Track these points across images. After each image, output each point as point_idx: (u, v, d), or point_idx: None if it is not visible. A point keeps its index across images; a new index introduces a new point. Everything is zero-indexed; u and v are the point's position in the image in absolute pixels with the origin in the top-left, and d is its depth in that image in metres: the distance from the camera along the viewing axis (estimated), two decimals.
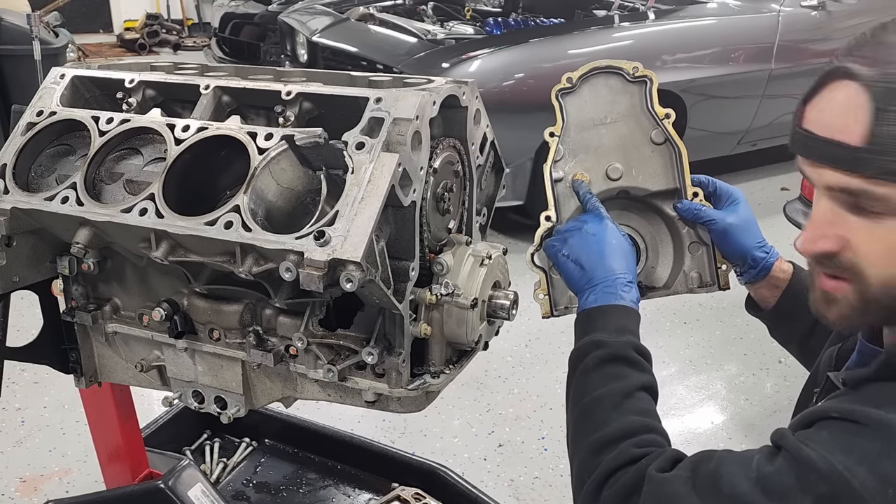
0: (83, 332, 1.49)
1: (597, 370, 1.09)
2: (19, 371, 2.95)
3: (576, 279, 1.21)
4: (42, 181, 1.34)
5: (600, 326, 1.14)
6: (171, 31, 10.21)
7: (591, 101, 1.28)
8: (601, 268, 1.18)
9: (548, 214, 1.30)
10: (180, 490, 1.66)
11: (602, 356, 1.09)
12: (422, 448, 2.61)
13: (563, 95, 1.28)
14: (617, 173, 1.29)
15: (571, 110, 1.27)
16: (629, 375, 1.08)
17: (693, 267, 1.35)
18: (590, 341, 1.12)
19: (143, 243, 1.20)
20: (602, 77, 1.28)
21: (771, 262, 1.30)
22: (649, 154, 1.29)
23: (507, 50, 4.04)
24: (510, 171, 3.80)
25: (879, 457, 0.83)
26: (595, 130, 1.28)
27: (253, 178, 1.14)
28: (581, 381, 1.11)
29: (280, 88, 1.27)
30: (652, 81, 1.27)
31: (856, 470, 0.82)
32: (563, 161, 1.28)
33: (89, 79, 1.42)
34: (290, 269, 1.06)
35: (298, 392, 1.37)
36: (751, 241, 1.29)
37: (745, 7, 4.71)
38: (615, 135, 1.29)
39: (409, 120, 1.13)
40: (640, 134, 1.29)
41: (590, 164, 1.29)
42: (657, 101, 1.28)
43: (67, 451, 2.62)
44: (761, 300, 1.36)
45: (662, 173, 1.30)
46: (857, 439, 0.85)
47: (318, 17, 4.94)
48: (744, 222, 1.29)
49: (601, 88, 1.29)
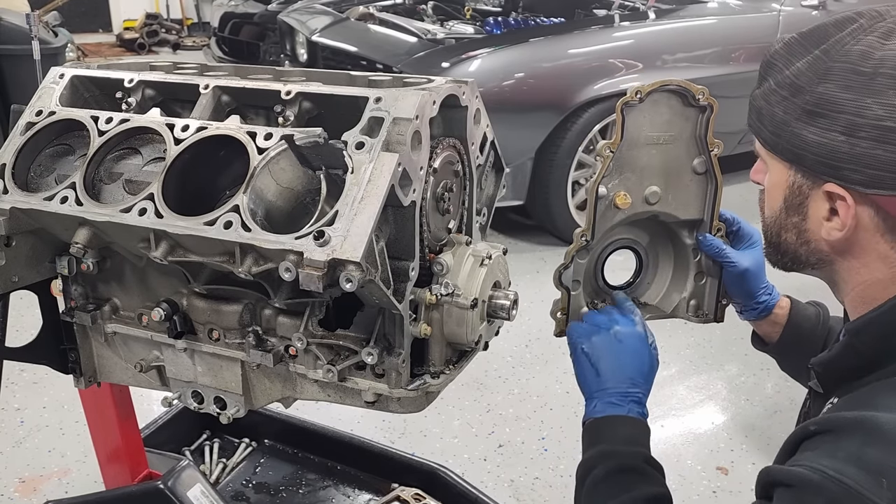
0: (82, 332, 1.48)
1: (606, 481, 1.08)
2: (19, 371, 2.95)
3: (588, 381, 1.20)
4: (41, 181, 1.33)
5: (609, 438, 1.13)
6: (171, 31, 10.21)
7: (649, 118, 1.25)
8: (617, 378, 1.17)
9: (584, 233, 1.27)
10: (180, 490, 1.66)
11: (612, 467, 1.09)
12: (422, 448, 2.60)
13: (628, 109, 1.24)
14: (655, 198, 1.29)
15: (631, 125, 1.25)
16: (640, 487, 1.06)
17: (693, 296, 1.36)
18: (598, 452, 1.11)
19: (142, 243, 1.20)
20: (666, 95, 1.25)
21: (773, 303, 1.34)
22: (688, 182, 1.29)
23: (507, 49, 4.04)
24: (510, 171, 3.79)
25: (862, 450, 0.83)
26: (646, 149, 1.26)
27: (252, 177, 1.14)
28: (590, 492, 1.09)
29: (280, 88, 1.27)
30: (713, 109, 1.25)
31: (846, 470, 0.83)
32: (609, 177, 1.26)
33: (88, 78, 1.42)
34: (290, 269, 1.05)
35: (298, 392, 1.37)
36: (758, 285, 1.33)
37: (745, 6, 4.71)
38: (662, 157, 1.27)
39: (409, 119, 1.13)
40: (686, 160, 1.28)
41: (632, 185, 1.27)
42: (712, 131, 1.26)
43: (67, 451, 2.62)
44: (765, 335, 1.40)
45: (695, 203, 1.30)
46: (839, 442, 0.86)
47: (318, 17, 4.93)
48: (757, 267, 1.31)
49: (662, 107, 1.26)
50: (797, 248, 1.03)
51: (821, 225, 0.98)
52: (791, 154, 0.97)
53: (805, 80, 0.95)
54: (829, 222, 0.97)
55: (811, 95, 0.93)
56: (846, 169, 0.91)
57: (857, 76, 0.90)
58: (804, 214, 0.99)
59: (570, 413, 2.87)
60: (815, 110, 0.93)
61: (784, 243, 1.04)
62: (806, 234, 1.01)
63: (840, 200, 0.94)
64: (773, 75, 1.00)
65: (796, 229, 1.01)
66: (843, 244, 0.97)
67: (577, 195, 4.24)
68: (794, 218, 1.01)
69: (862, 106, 0.89)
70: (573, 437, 2.73)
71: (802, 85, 0.95)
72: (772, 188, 1.04)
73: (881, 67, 0.89)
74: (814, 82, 0.94)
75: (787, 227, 1.02)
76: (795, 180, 0.99)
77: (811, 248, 1.01)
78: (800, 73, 0.96)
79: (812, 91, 0.93)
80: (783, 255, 1.06)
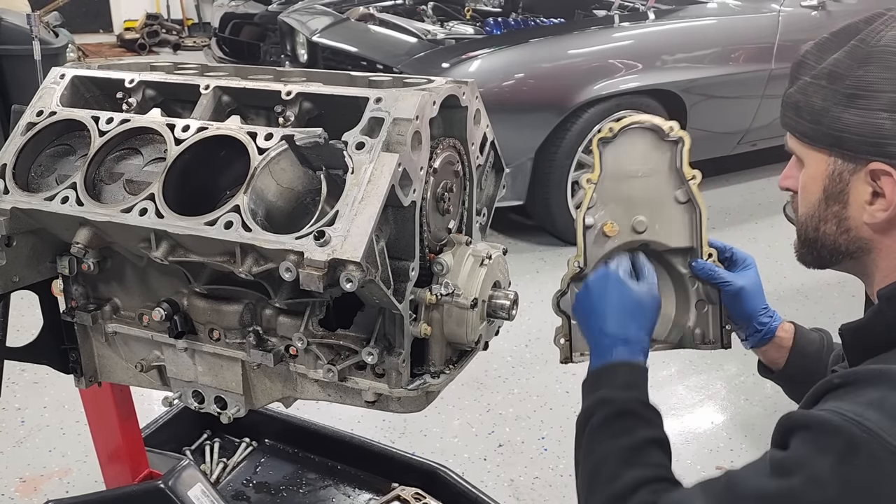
0: (83, 332, 1.49)
1: (604, 427, 1.09)
2: (19, 371, 2.95)
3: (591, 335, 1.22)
4: (42, 181, 1.34)
5: (607, 384, 1.14)
6: (171, 31, 10.20)
7: (627, 152, 1.31)
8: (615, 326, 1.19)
9: (578, 260, 1.31)
10: (180, 490, 1.66)
11: (609, 413, 1.10)
12: (422, 448, 2.60)
13: (603, 144, 1.30)
14: (642, 226, 1.32)
15: (609, 159, 1.30)
16: (638, 429, 1.08)
17: (697, 324, 1.37)
18: (596, 400, 1.12)
19: (143, 243, 1.20)
20: (640, 131, 1.31)
21: (775, 325, 1.35)
22: (672, 211, 1.32)
23: (507, 50, 4.04)
24: (510, 171, 3.80)
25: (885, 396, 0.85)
26: (627, 182, 1.31)
27: (253, 178, 1.14)
28: (590, 439, 1.11)
29: (280, 88, 1.27)
30: (684, 142, 1.30)
31: (867, 413, 0.84)
32: (594, 208, 1.31)
33: (89, 79, 1.42)
34: (290, 269, 1.06)
35: (298, 392, 1.37)
36: (757, 307, 1.33)
37: (745, 7, 4.71)
38: (644, 188, 1.32)
39: (409, 120, 1.13)
40: (668, 191, 1.32)
41: (619, 215, 1.32)
42: (687, 162, 1.31)
43: (67, 451, 2.62)
44: (771, 362, 1.41)
45: (683, 231, 1.33)
46: (862, 391, 0.88)
47: (318, 17, 4.93)
48: (754, 287, 1.33)
49: (638, 142, 1.31)
50: (836, 237, 1.04)
51: (862, 210, 1.00)
52: (832, 139, 0.99)
53: (844, 66, 0.98)
54: (872, 206, 0.99)
55: (851, 80, 0.97)
56: (891, 145, 0.94)
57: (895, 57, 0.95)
58: (845, 202, 1.01)
59: (570, 413, 2.87)
60: (856, 93, 0.96)
61: (823, 236, 1.05)
62: (847, 221, 1.02)
63: (886, 177, 0.96)
64: (806, 72, 1.04)
65: (836, 218, 1.03)
66: (886, 224, 0.99)
67: (577, 195, 4.24)
68: (834, 207, 1.03)
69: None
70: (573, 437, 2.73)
71: (841, 72, 0.98)
72: (809, 182, 1.05)
73: None
74: (853, 68, 0.97)
75: (826, 219, 1.04)
76: (836, 168, 1.01)
77: (851, 235, 1.03)
78: (837, 62, 0.99)
79: (851, 76, 0.97)
80: (821, 249, 1.07)
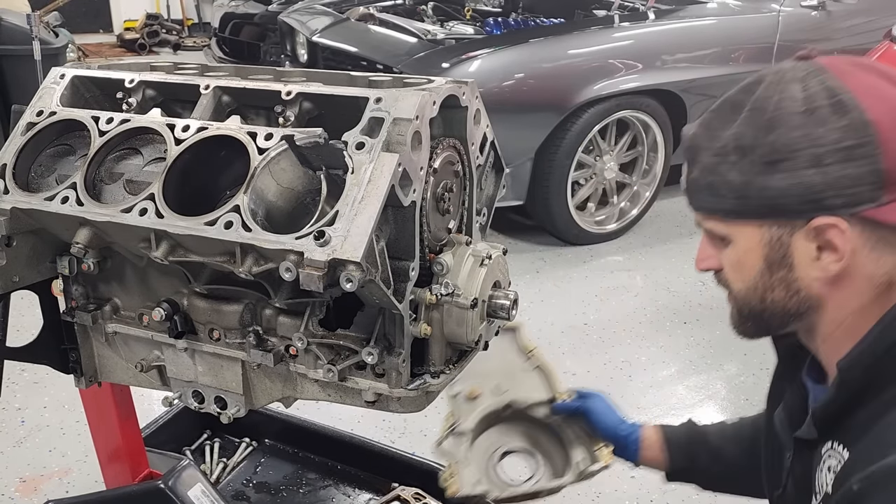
0: (83, 332, 1.49)
1: None
2: (19, 371, 2.95)
3: None
4: (42, 181, 1.34)
5: None
6: (171, 31, 10.19)
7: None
8: None
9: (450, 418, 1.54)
10: (180, 490, 1.66)
11: None
12: (422, 448, 2.60)
13: None
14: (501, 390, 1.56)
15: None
16: None
17: (579, 455, 1.50)
18: None
19: (142, 243, 1.20)
20: None
21: (636, 434, 1.47)
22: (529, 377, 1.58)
23: (507, 50, 4.04)
24: (510, 171, 3.80)
25: None
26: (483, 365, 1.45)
27: (253, 178, 1.14)
28: None
29: (280, 88, 1.27)
30: (519, 328, 1.60)
31: None
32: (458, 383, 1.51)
33: (89, 79, 1.42)
34: (290, 269, 1.06)
35: (298, 392, 1.37)
36: (614, 420, 1.49)
37: (745, 7, 4.71)
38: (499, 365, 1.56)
39: (409, 120, 1.13)
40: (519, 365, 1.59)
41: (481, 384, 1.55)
42: (525, 342, 1.61)
43: (67, 451, 2.62)
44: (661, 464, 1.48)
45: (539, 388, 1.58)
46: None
47: (318, 17, 4.93)
48: (604, 406, 1.51)
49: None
50: (786, 302, 1.02)
51: (810, 267, 0.98)
52: (766, 208, 0.98)
53: (750, 138, 0.97)
54: (820, 260, 0.98)
55: (764, 148, 0.95)
56: (827, 198, 0.93)
57: (798, 115, 0.94)
58: (790, 265, 1.00)
59: None
60: (776, 158, 0.95)
61: (771, 304, 1.04)
62: (796, 283, 1.01)
63: (832, 229, 0.95)
64: (704, 153, 1.02)
65: (784, 283, 1.01)
66: (837, 277, 0.98)
67: (577, 195, 4.24)
68: (779, 273, 1.01)
69: (816, 137, 0.93)
70: None
71: (750, 143, 0.97)
72: (743, 257, 1.03)
73: (814, 102, 0.94)
74: (760, 136, 0.96)
75: (772, 287, 1.02)
76: (773, 234, 0.99)
77: (802, 296, 1.01)
78: (741, 136, 0.98)
79: (763, 144, 0.96)
80: (769, 318, 1.06)
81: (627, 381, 3.06)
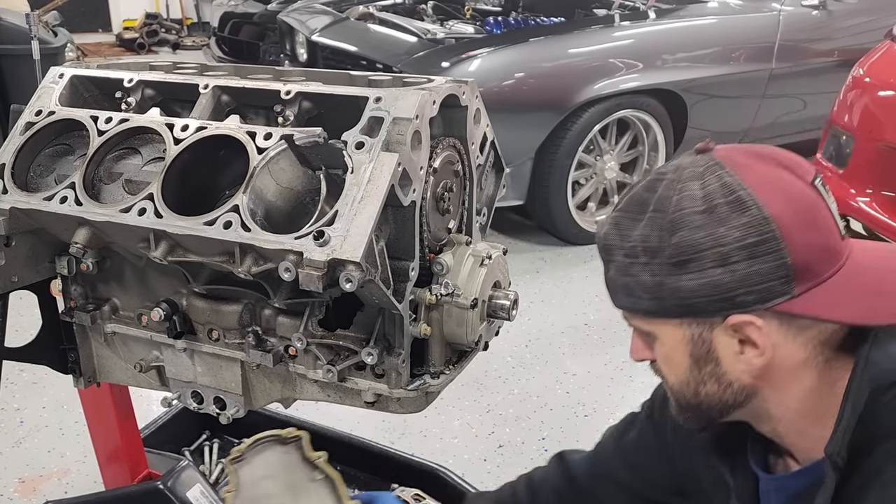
0: (82, 332, 1.48)
1: None
2: (18, 371, 2.95)
3: None
4: (41, 181, 1.33)
5: None
6: (171, 31, 10.20)
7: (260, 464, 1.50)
8: None
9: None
10: (179, 491, 1.65)
11: None
12: (421, 449, 2.60)
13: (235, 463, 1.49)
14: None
15: (244, 476, 1.48)
16: None
17: None
18: None
19: (141, 243, 1.20)
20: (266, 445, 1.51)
21: None
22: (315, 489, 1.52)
23: (507, 49, 4.03)
24: (510, 171, 3.79)
25: None
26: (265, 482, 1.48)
27: (252, 177, 1.14)
28: None
29: (279, 88, 1.27)
30: (303, 438, 1.52)
31: None
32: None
33: (88, 78, 1.42)
34: (290, 270, 1.05)
35: (298, 392, 1.37)
36: None
37: (745, 6, 4.70)
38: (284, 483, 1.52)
39: (409, 119, 1.13)
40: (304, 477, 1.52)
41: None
42: (309, 451, 1.53)
43: (66, 451, 2.62)
44: None
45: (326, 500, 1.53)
46: None
47: (318, 17, 4.93)
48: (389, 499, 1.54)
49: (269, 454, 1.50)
50: (721, 394, 1.01)
51: (736, 360, 0.98)
52: (680, 308, 0.97)
53: (655, 239, 0.96)
54: (744, 354, 0.97)
55: (670, 249, 0.95)
56: (738, 295, 0.93)
57: (699, 216, 0.93)
58: (716, 360, 0.99)
59: (570, 413, 2.86)
60: (682, 259, 0.94)
61: (706, 397, 1.03)
62: (725, 376, 1.00)
63: (749, 326, 0.94)
64: (617, 253, 1.01)
65: (714, 377, 1.01)
66: (766, 368, 0.97)
67: (577, 195, 4.24)
68: (707, 368, 1.00)
69: (719, 236, 0.92)
70: (573, 438, 2.73)
71: (655, 245, 0.96)
72: (669, 353, 1.02)
73: (713, 200, 0.93)
74: (664, 238, 0.95)
75: (702, 380, 1.01)
76: (693, 332, 0.98)
77: (735, 388, 1.01)
78: (647, 238, 0.97)
79: (668, 245, 0.95)
80: (708, 410, 1.04)
81: (628, 382, 3.06)
